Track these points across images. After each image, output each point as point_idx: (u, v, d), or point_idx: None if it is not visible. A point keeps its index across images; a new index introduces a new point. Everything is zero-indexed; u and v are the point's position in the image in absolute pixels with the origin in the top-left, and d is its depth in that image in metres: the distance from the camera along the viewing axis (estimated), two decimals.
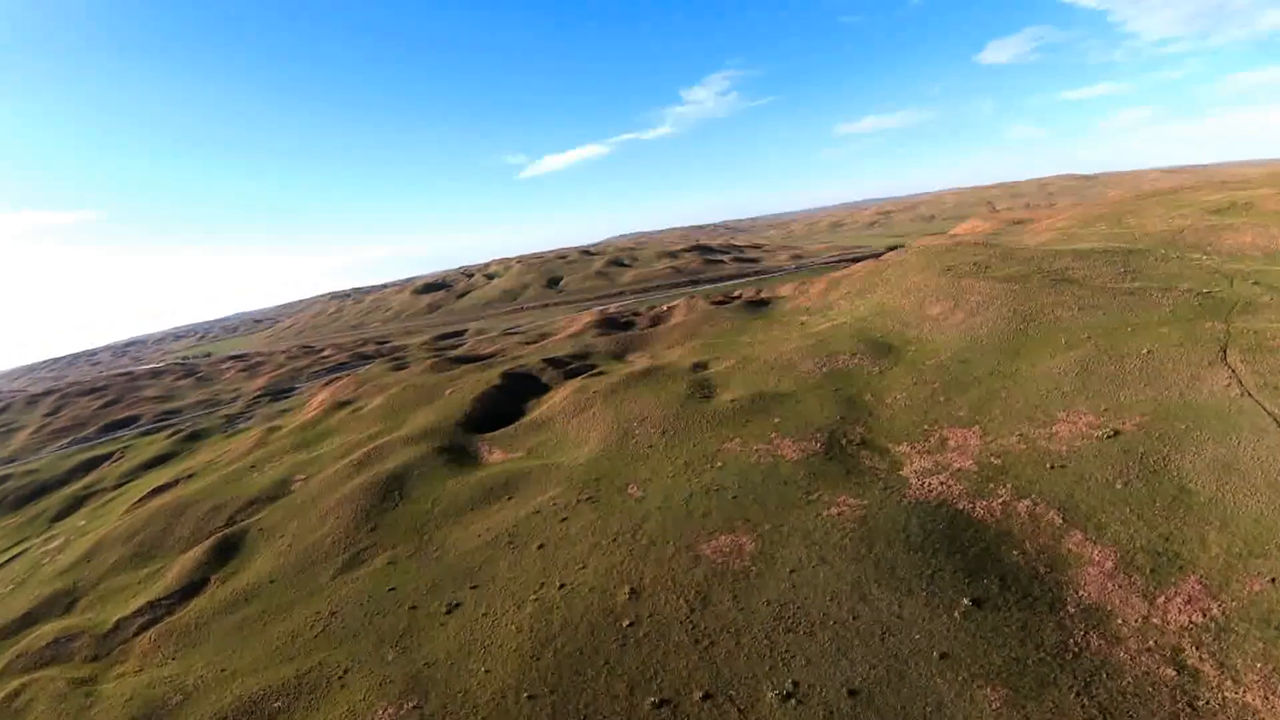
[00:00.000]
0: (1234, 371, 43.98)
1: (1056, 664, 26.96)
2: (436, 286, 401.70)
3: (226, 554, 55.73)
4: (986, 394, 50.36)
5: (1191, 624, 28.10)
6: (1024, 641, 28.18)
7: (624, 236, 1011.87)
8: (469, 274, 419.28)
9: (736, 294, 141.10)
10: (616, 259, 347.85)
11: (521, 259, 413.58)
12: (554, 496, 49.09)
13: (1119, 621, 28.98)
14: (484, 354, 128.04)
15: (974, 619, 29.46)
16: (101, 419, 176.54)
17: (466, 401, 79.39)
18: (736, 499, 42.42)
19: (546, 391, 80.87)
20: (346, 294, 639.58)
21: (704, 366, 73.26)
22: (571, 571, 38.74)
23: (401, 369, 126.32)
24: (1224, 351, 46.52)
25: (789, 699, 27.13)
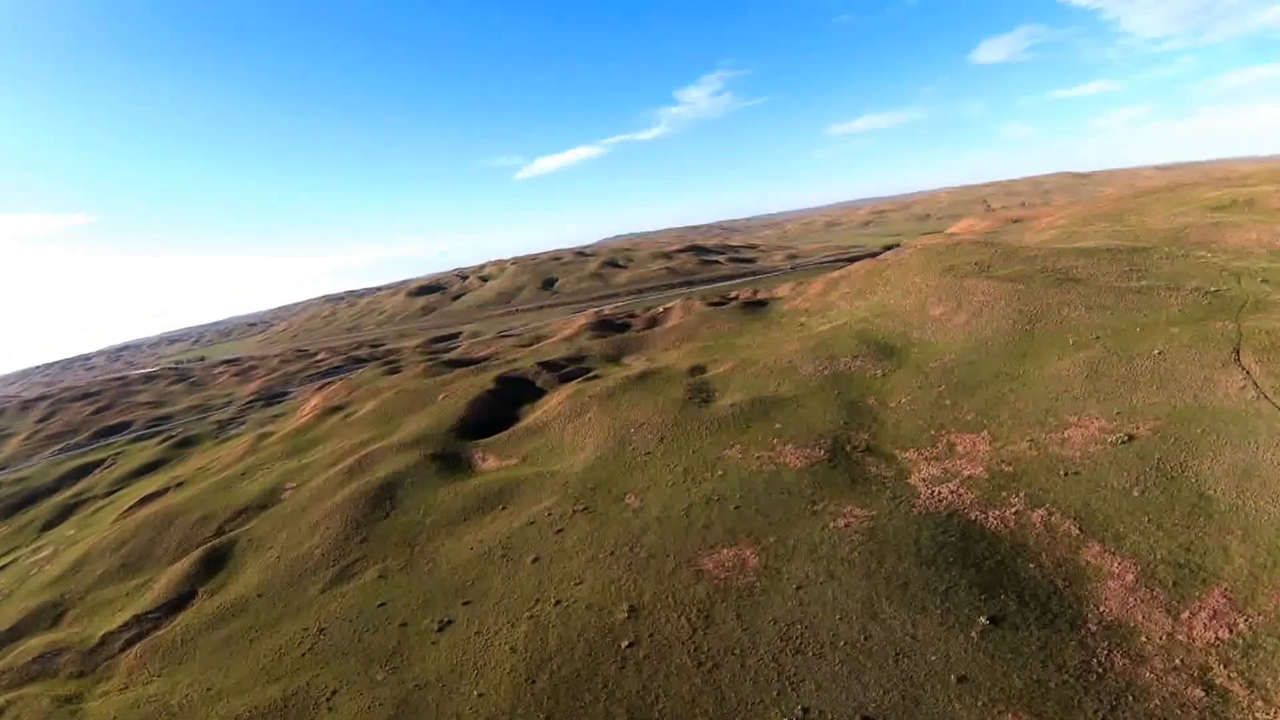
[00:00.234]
0: (1249, 373, 42.60)
1: (1080, 686, 25.53)
2: (431, 289, 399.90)
3: (214, 566, 54.34)
4: (994, 397, 48.91)
5: (1218, 640, 26.75)
6: (1045, 662, 26.74)
7: (619, 237, 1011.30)
8: (463, 276, 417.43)
9: (733, 295, 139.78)
10: (611, 260, 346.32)
11: (516, 260, 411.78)
12: (549, 507, 47.57)
13: (1143, 639, 27.60)
14: (478, 357, 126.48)
15: (992, 638, 28.01)
16: (93, 425, 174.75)
17: (460, 407, 77.92)
18: (739, 510, 40.91)
19: (541, 396, 79.39)
20: (340, 296, 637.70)
21: (702, 370, 71.85)
22: (567, 587, 37.20)
23: (395, 373, 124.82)
24: (1237, 352, 45.16)
25: None
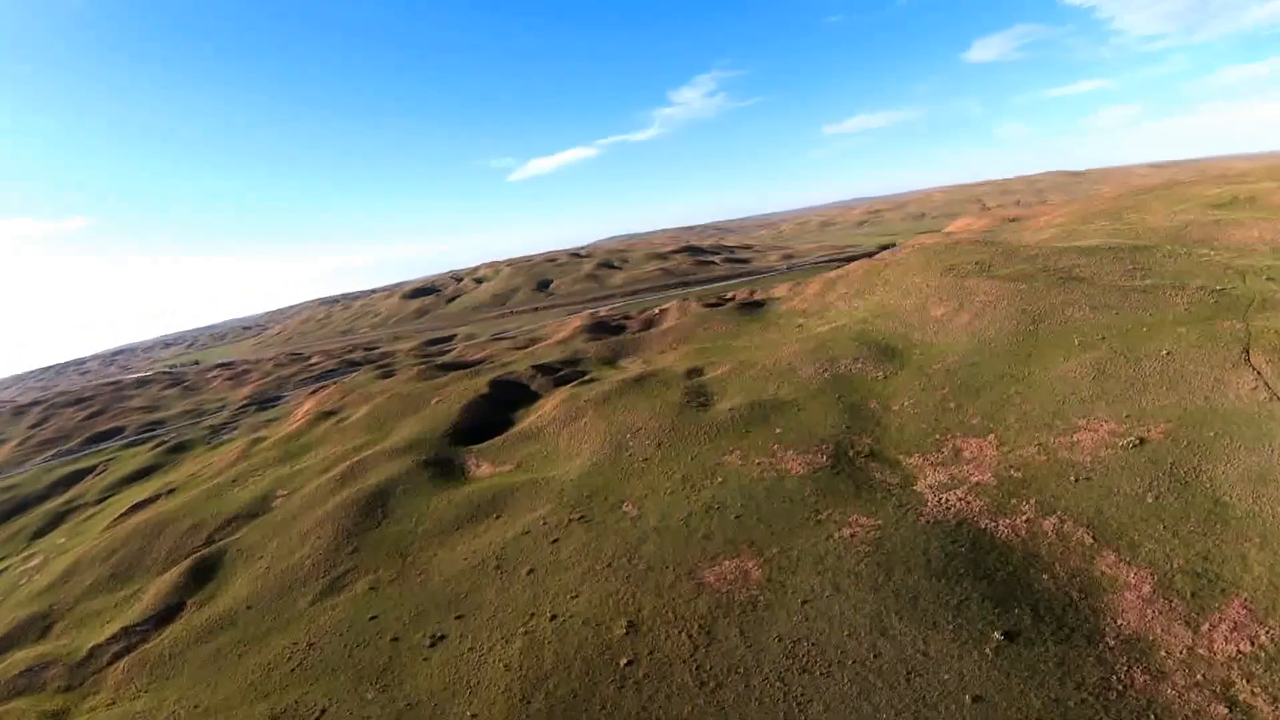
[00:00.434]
0: (1260, 374, 41.53)
1: (1100, 705, 24.32)
2: (425, 291, 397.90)
3: (203, 576, 53.03)
4: (999, 400, 47.80)
5: (1240, 654, 25.59)
6: (1063, 680, 25.52)
7: (613, 238, 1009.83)
8: (458, 278, 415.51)
9: (729, 296, 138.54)
10: (606, 261, 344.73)
11: (511, 262, 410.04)
12: (544, 515, 46.29)
13: (1163, 653, 26.43)
14: (472, 360, 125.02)
15: (1007, 655, 26.79)
16: (86, 430, 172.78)
17: (453, 411, 76.61)
18: (740, 519, 39.63)
19: (536, 400, 78.06)
20: (335, 299, 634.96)
21: (699, 373, 70.57)
22: (563, 601, 35.92)
23: (389, 376, 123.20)
24: (1247, 352, 44.09)
25: None
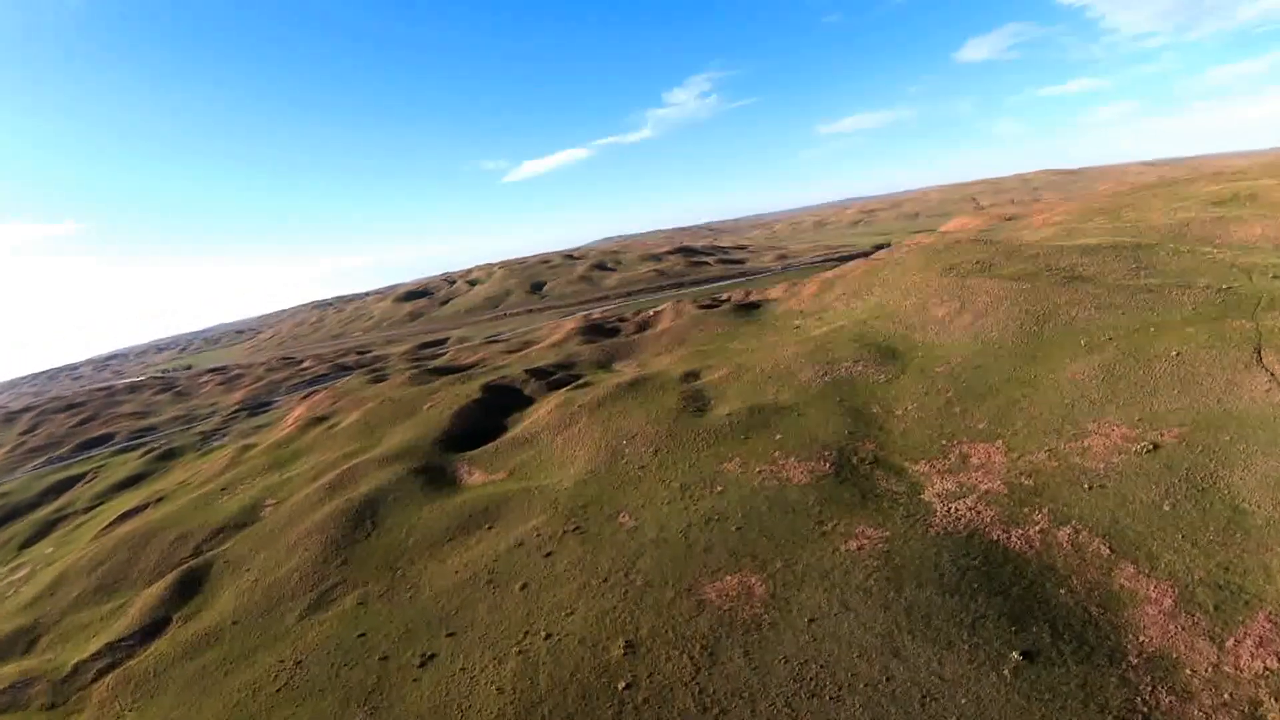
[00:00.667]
0: (1273, 375, 40.35)
1: None
2: (418, 294, 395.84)
3: (190, 589, 51.57)
4: (1006, 403, 46.46)
5: (1267, 670, 24.37)
6: (1086, 703, 24.14)
7: (607, 240, 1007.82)
8: (451, 280, 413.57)
9: (725, 297, 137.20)
10: (600, 263, 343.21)
11: (504, 264, 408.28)
12: (538, 526, 44.75)
13: (1188, 672, 25.13)
14: (464, 364, 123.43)
15: (1026, 677, 25.39)
16: (77, 437, 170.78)
17: (445, 417, 75.07)
18: (741, 531, 38.08)
19: (529, 405, 76.50)
20: (329, 303, 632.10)
21: (696, 376, 69.06)
22: (558, 619, 34.38)
23: (381, 381, 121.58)
24: (1258, 353, 42.90)
25: None
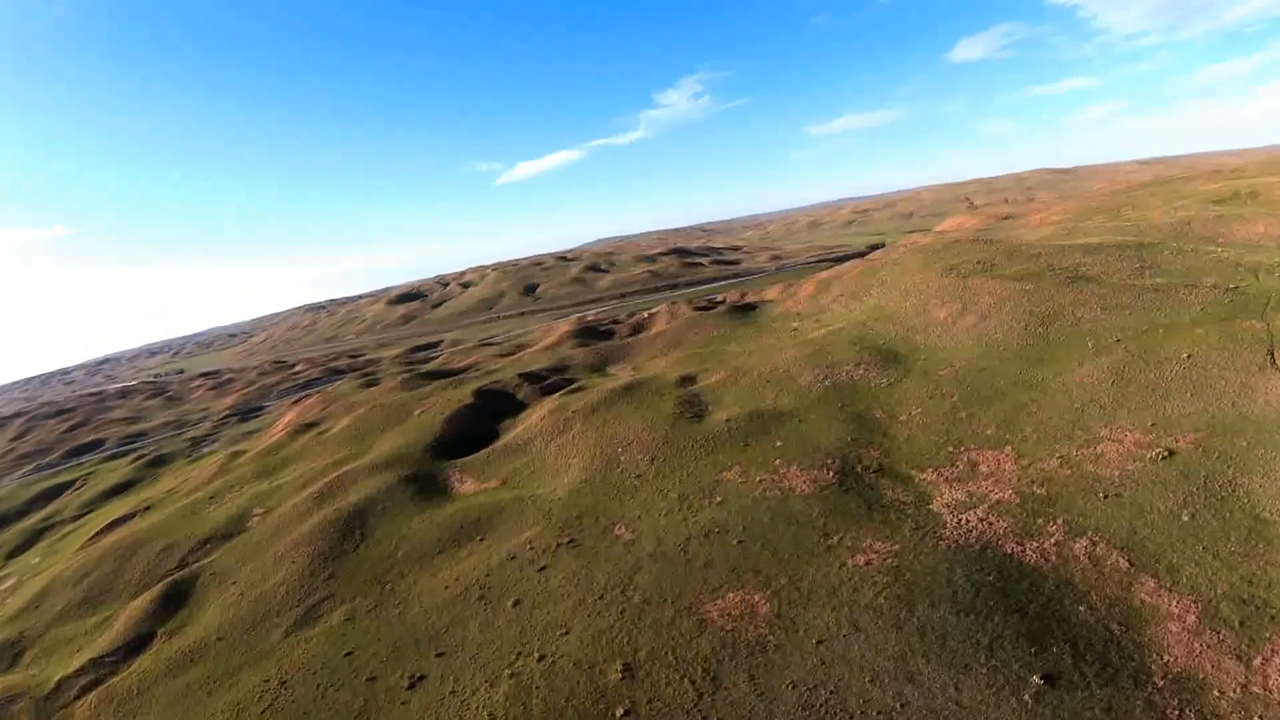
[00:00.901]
0: None
1: None
2: (411, 296, 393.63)
3: (175, 603, 50.31)
4: (1013, 408, 45.06)
5: None
6: None
7: (601, 241, 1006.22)
8: (444, 283, 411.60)
9: (720, 298, 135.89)
10: (593, 264, 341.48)
11: (497, 266, 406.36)
12: (531, 539, 43.19)
13: (1215, 693, 23.81)
14: (457, 368, 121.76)
15: (1049, 702, 23.91)
16: (67, 443, 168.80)
17: (436, 423, 73.54)
18: (742, 544, 36.51)
19: (522, 410, 74.96)
20: (322, 306, 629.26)
21: (692, 380, 67.57)
22: (552, 638, 32.79)
23: (372, 385, 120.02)
24: (1271, 355, 41.70)
25: None
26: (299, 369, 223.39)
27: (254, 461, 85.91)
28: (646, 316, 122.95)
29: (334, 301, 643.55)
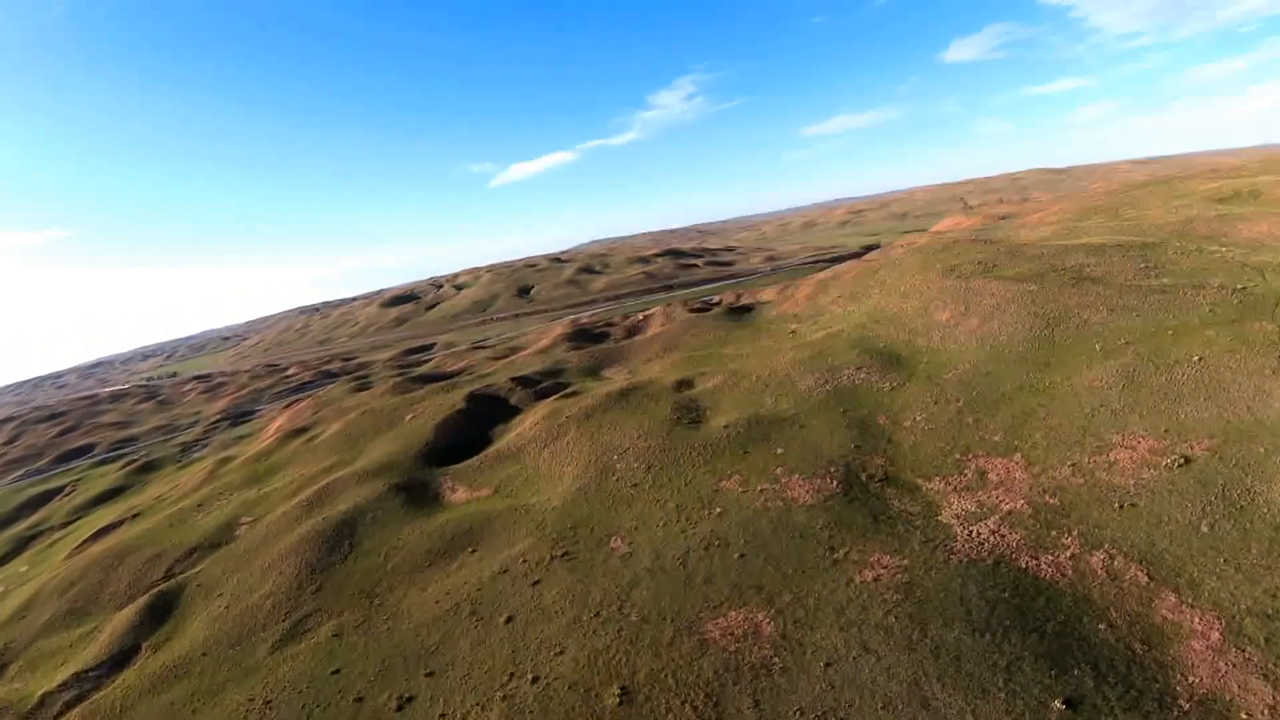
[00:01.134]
0: None
1: None
2: (405, 299, 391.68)
3: (161, 615, 48.83)
4: (1021, 413, 43.74)
5: None
6: None
7: (595, 242, 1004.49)
8: (438, 285, 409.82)
9: (716, 300, 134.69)
10: (588, 266, 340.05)
11: (491, 268, 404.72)
12: (524, 551, 41.69)
13: (1243, 715, 22.70)
14: (449, 372, 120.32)
15: None
16: (57, 448, 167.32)
17: (428, 429, 72.03)
18: (744, 559, 35.01)
19: (516, 415, 73.45)
20: (315, 308, 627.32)
21: (689, 385, 66.11)
22: (546, 658, 31.30)
23: (364, 389, 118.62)
24: None
25: None
26: (291, 372, 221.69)
27: (243, 468, 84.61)
28: (641, 319, 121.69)
29: (327, 304, 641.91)
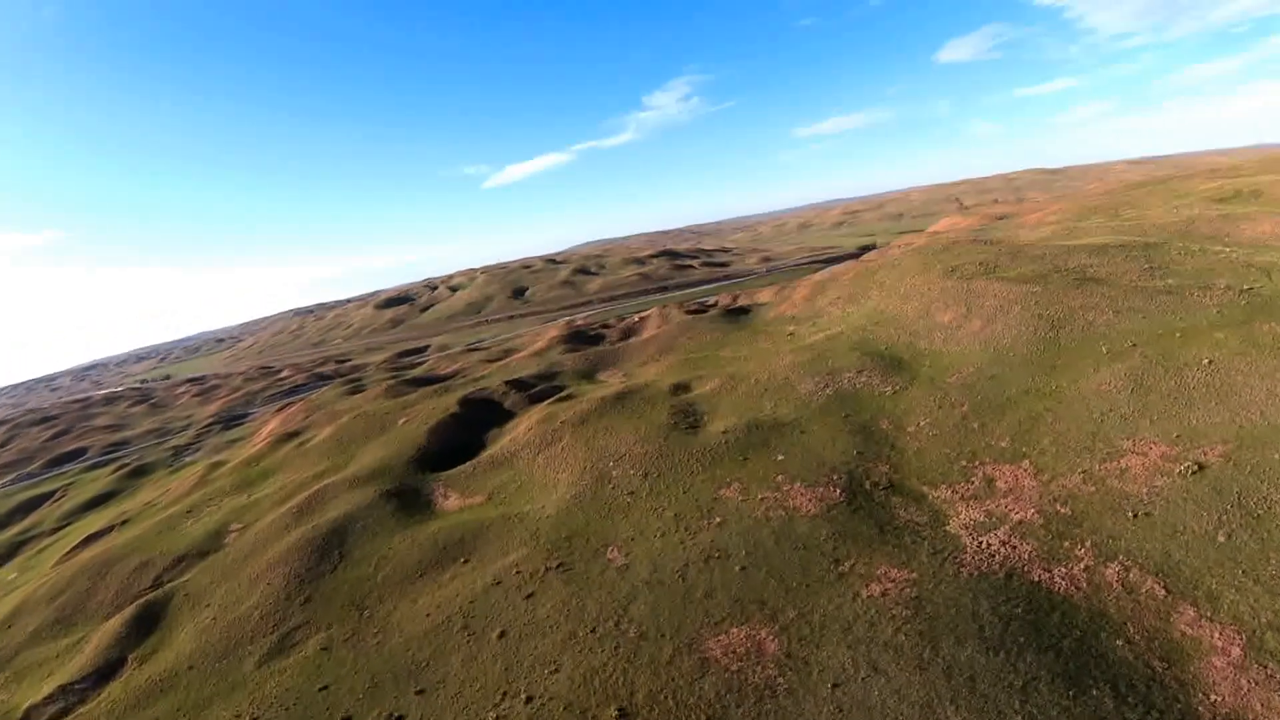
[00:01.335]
0: None
1: None
2: (399, 300, 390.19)
3: (147, 625, 47.54)
4: (1028, 418, 42.63)
5: None
6: None
7: (590, 244, 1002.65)
8: (432, 286, 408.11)
9: (712, 301, 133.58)
10: (583, 267, 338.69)
11: (486, 269, 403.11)
12: (517, 561, 40.39)
13: None
14: (443, 374, 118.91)
15: None
16: (49, 452, 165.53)
17: (420, 434, 70.67)
18: (745, 571, 33.75)
19: (510, 419, 72.12)
20: (310, 310, 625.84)
21: (686, 388, 64.85)
22: (541, 677, 30.02)
23: (357, 392, 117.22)
24: None
25: None
26: (285, 375, 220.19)
27: (234, 473, 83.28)
28: (637, 320, 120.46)
29: (321, 306, 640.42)
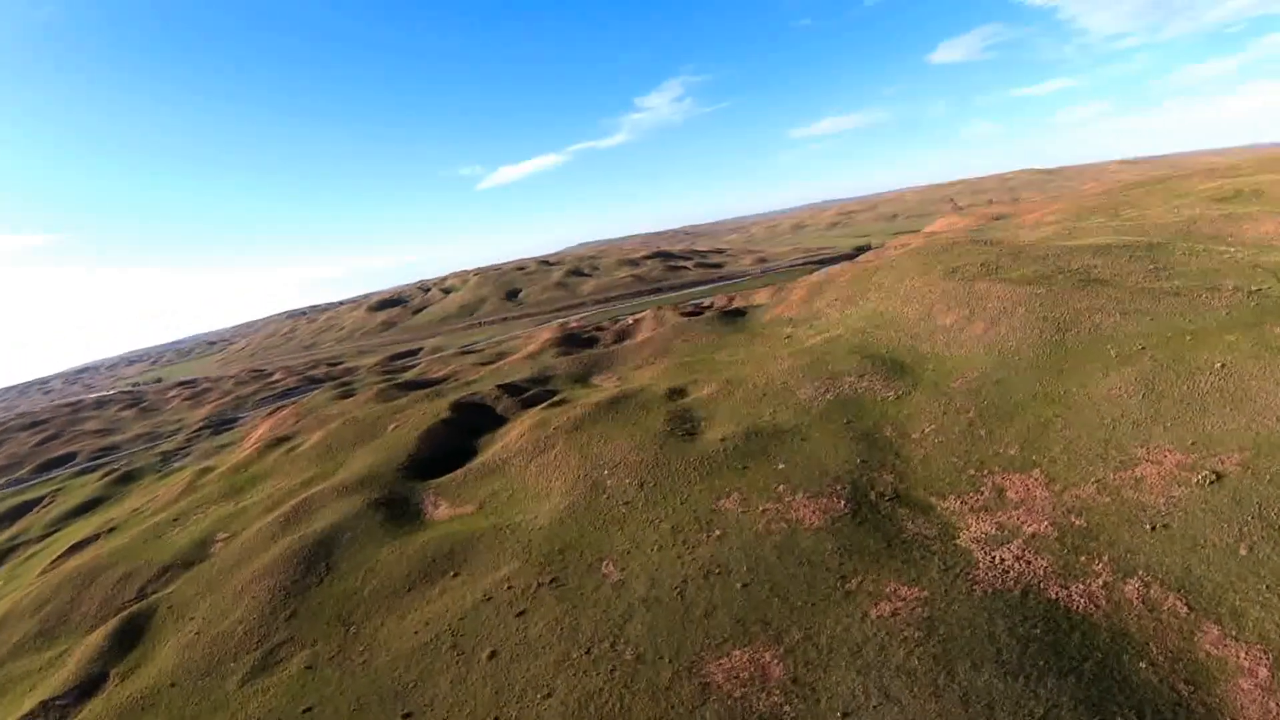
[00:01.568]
0: None
1: None
2: (391, 303, 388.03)
3: (130, 639, 46.19)
4: (1037, 425, 41.26)
5: None
6: None
7: (583, 245, 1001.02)
8: (425, 288, 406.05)
9: (707, 303, 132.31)
10: (576, 269, 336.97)
11: (479, 271, 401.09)
12: (509, 576, 38.88)
13: None
14: (435, 378, 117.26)
15: None
16: (38, 457, 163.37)
17: (410, 440, 69.10)
18: (747, 588, 32.24)
19: (502, 425, 70.61)
20: (302, 312, 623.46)
21: (682, 393, 63.42)
22: (532, 701, 28.47)
23: (348, 396, 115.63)
24: None
25: None
26: (276, 378, 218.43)
27: (222, 480, 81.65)
28: (631, 323, 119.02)
29: (314, 308, 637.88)
